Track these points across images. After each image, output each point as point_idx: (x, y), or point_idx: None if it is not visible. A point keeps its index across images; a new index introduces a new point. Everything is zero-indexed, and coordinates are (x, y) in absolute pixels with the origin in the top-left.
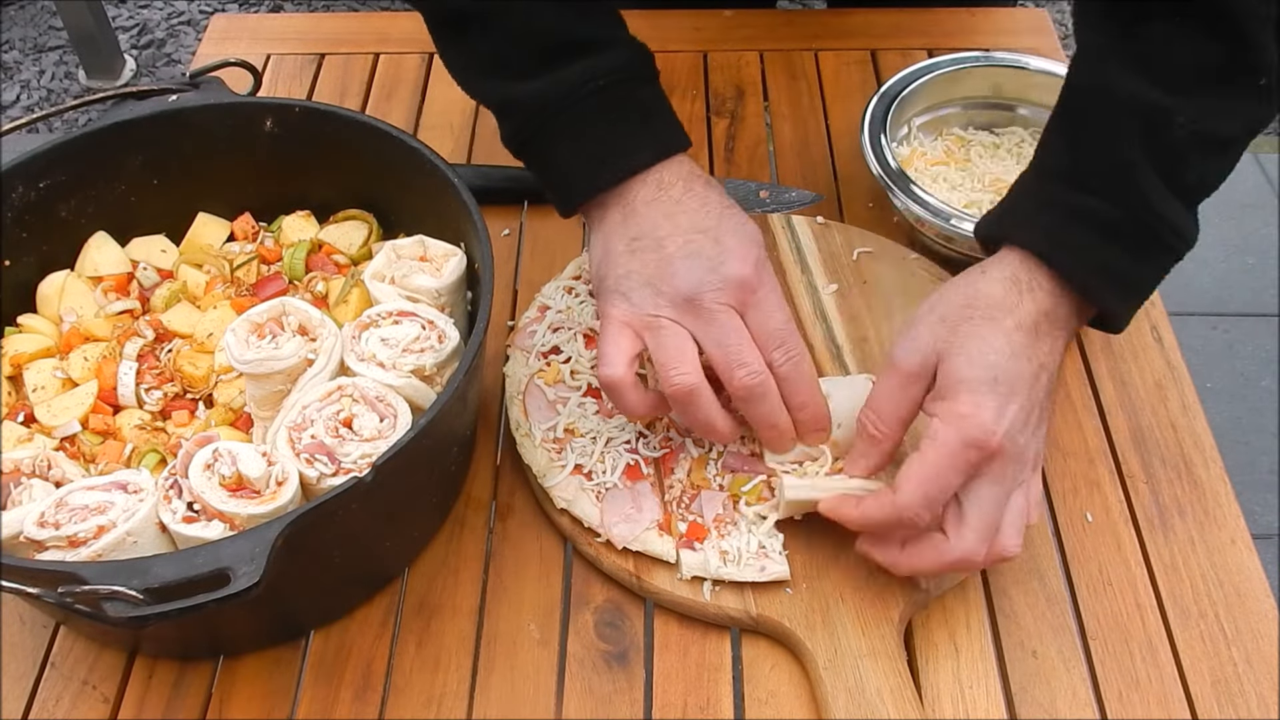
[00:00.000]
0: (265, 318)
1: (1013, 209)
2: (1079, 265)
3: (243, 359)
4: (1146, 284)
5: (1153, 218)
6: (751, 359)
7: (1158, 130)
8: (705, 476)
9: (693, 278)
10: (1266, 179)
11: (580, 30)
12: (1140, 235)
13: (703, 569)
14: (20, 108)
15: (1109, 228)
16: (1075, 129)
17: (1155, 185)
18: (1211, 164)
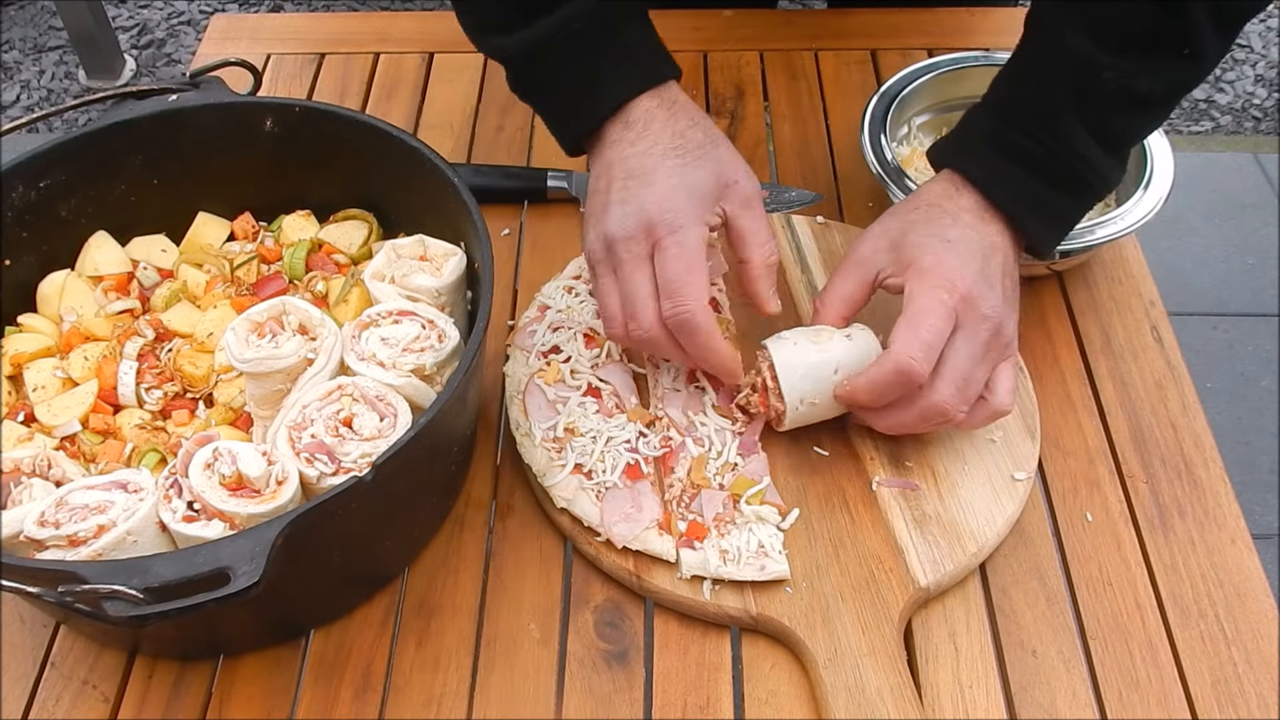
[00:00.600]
0: (265, 317)
1: (957, 139)
2: (1006, 193)
3: (242, 358)
4: (1065, 214)
5: (1074, 158)
6: (643, 311)
7: (1087, 82)
8: (705, 476)
9: (614, 223)
10: (1266, 179)
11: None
12: (1061, 171)
13: (702, 568)
14: (20, 108)
15: (1033, 162)
16: (1019, 71)
17: (1079, 130)
18: (1134, 118)
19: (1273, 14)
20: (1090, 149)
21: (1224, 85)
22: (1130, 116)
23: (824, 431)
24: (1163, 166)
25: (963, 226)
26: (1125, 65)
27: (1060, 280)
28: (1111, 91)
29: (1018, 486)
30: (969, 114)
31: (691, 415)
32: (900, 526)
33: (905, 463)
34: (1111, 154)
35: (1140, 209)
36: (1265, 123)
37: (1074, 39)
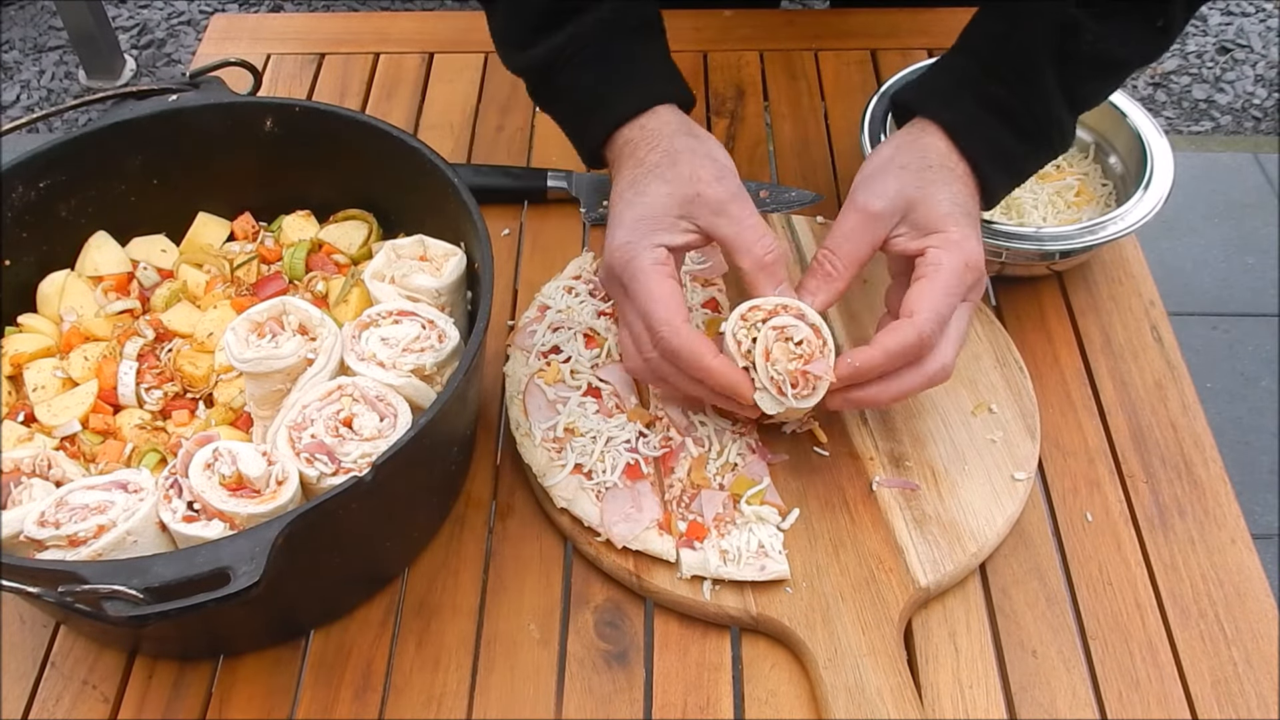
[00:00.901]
0: (265, 317)
1: (935, 86)
2: (977, 141)
3: (242, 357)
4: (1023, 168)
5: (1046, 114)
6: (628, 355)
7: (1068, 42)
8: (705, 476)
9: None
10: (1266, 179)
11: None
12: (1031, 126)
13: (702, 568)
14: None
15: (1008, 113)
16: (1001, 26)
17: (1054, 88)
18: (1101, 83)
19: (1273, 14)
20: (1060, 108)
21: (1224, 85)
22: (1098, 81)
23: (824, 431)
24: (1163, 166)
25: (968, 192)
26: (1104, 30)
27: (1060, 280)
28: (1088, 54)
29: (1018, 486)
30: (948, 61)
31: (691, 415)
32: (900, 526)
33: (905, 463)
34: (1073, 115)
35: (1140, 209)
36: (1265, 123)
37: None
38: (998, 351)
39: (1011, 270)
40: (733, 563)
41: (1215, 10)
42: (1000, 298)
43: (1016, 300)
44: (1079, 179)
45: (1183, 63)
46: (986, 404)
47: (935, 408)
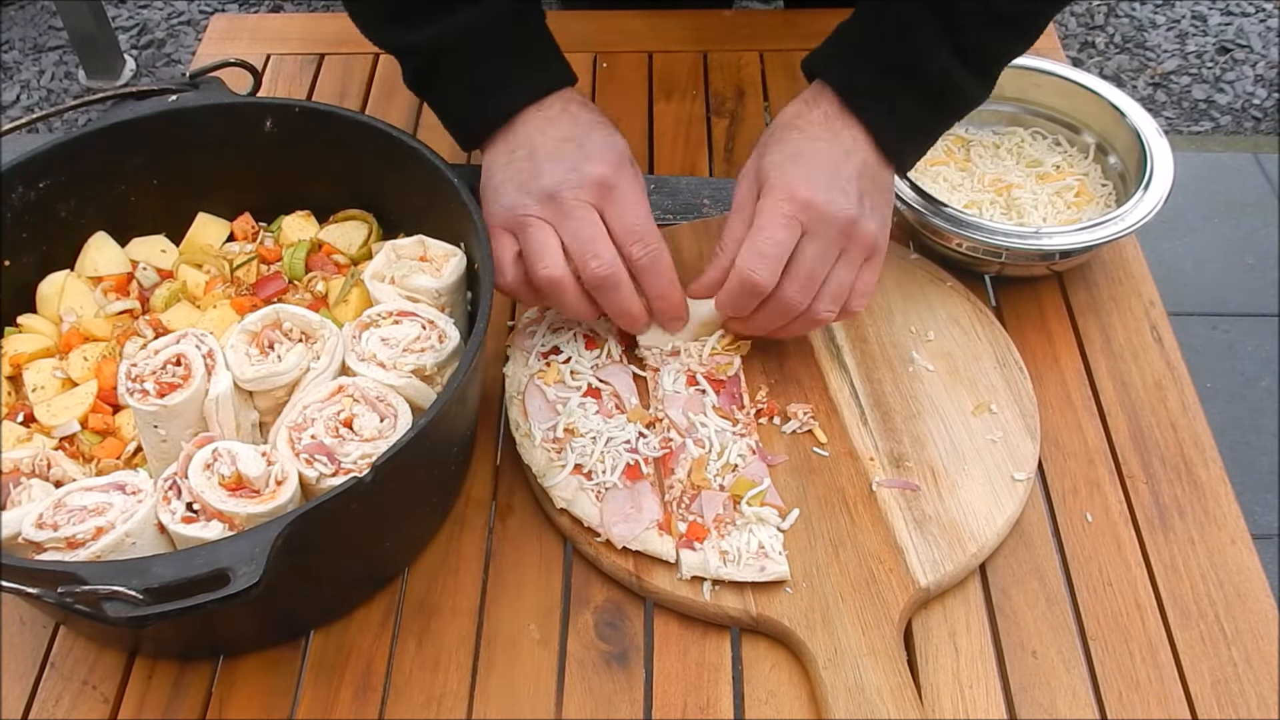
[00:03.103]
0: (260, 325)
1: (824, 46)
2: (861, 96)
3: (245, 378)
4: (920, 123)
5: (931, 66)
6: (603, 250)
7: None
8: (705, 477)
9: (555, 176)
10: (1266, 179)
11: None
12: (916, 79)
13: (702, 569)
14: (20, 108)
15: (890, 68)
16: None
17: (936, 40)
18: (992, 35)
19: (1273, 14)
20: (947, 60)
21: (1224, 85)
22: (988, 32)
23: (824, 431)
24: (1163, 166)
25: (811, 139)
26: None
27: (1060, 280)
28: (970, 8)
29: (1018, 487)
30: (843, 25)
31: (692, 416)
32: (900, 526)
33: (905, 463)
34: (973, 71)
35: (1140, 209)
36: (1265, 123)
37: None
38: (998, 352)
39: (1011, 270)
40: (733, 563)
41: (1215, 10)
42: (1000, 298)
43: (1016, 300)
44: (1079, 179)
45: (1183, 63)
46: (986, 404)
47: (935, 408)
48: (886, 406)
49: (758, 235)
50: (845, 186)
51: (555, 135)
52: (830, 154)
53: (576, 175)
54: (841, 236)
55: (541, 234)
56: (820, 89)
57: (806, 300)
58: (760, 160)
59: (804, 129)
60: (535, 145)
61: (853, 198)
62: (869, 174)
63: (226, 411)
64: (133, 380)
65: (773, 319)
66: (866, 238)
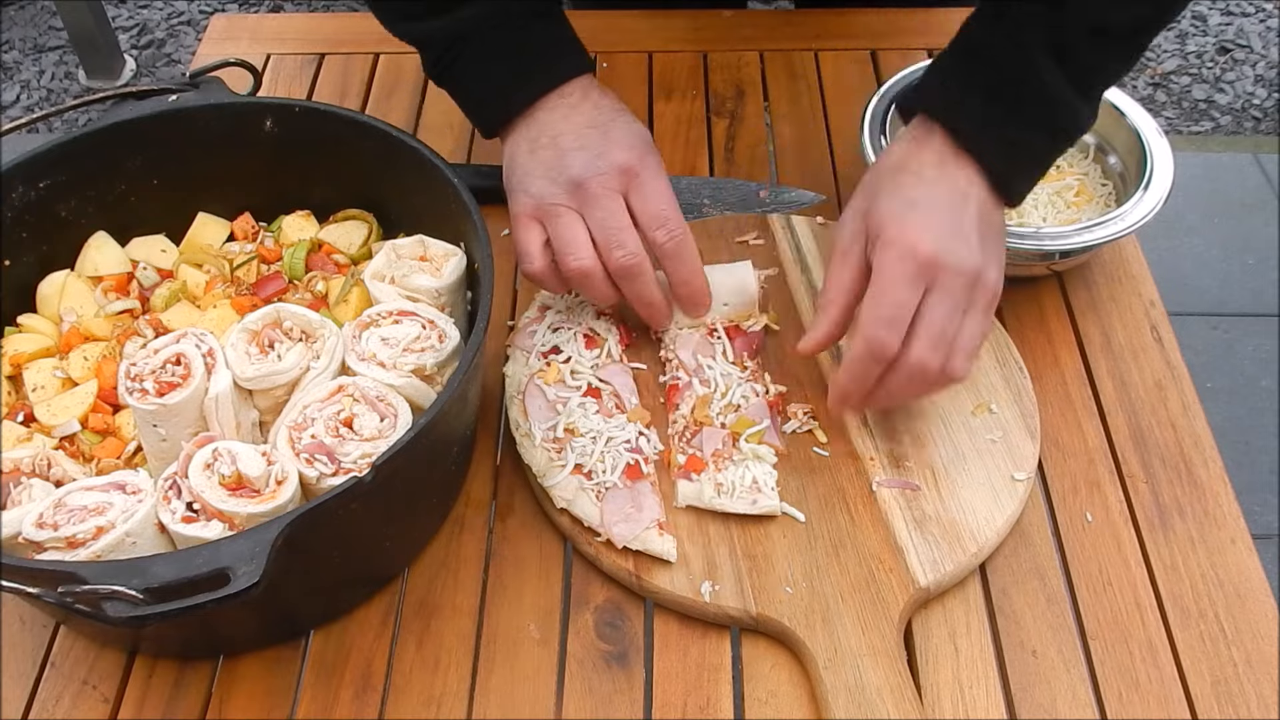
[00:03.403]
0: (260, 325)
1: (924, 81)
2: (971, 127)
3: (245, 376)
4: (1033, 152)
5: (1042, 92)
6: (629, 240)
7: (1055, 17)
8: (708, 414)
9: (581, 164)
10: (1266, 179)
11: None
12: (1027, 106)
13: (697, 498)
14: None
15: (999, 96)
16: (985, 11)
17: (1047, 63)
18: (1102, 54)
19: (1273, 14)
20: (1058, 84)
21: (1224, 85)
22: (1099, 54)
23: (824, 431)
24: (1163, 166)
25: (927, 184)
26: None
27: (1060, 280)
28: (1078, 26)
29: (1018, 486)
30: (935, 59)
31: (700, 358)
32: (900, 526)
33: (905, 463)
34: (1082, 95)
35: (1140, 209)
36: (1265, 123)
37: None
38: (998, 351)
39: (1011, 270)
40: (726, 495)
41: (1215, 10)
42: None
43: (1016, 300)
44: (1079, 179)
45: (1183, 63)
46: (986, 404)
47: (935, 408)
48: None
49: (881, 298)
50: (967, 235)
51: (579, 122)
52: (948, 200)
53: (602, 162)
54: (968, 289)
55: (571, 225)
56: (926, 126)
57: (940, 360)
58: (871, 206)
59: (918, 173)
60: (559, 133)
61: (975, 247)
62: (985, 217)
63: (226, 410)
64: (132, 379)
65: (906, 385)
66: (990, 286)
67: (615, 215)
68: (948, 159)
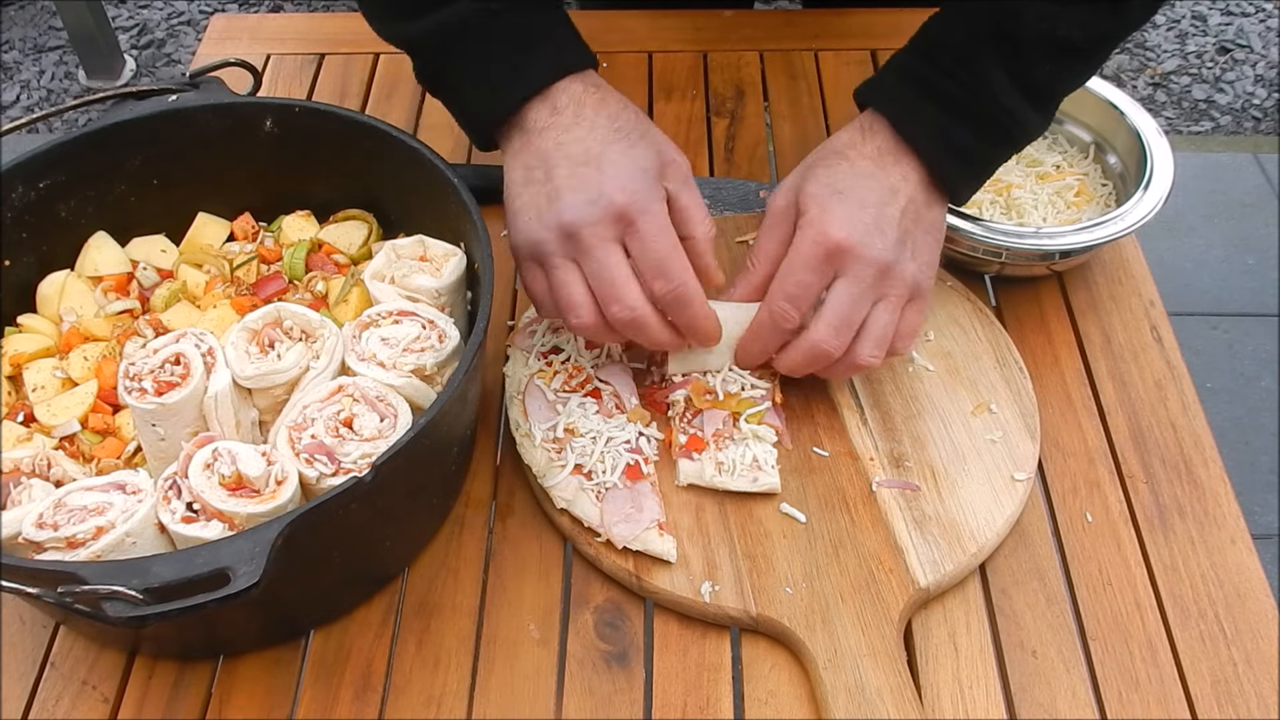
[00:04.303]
0: (261, 324)
1: (878, 78)
2: (917, 129)
3: (244, 375)
4: (978, 157)
5: (990, 101)
6: (626, 293)
7: (1007, 24)
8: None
9: (573, 211)
10: (1266, 179)
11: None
12: (976, 112)
13: (698, 476)
14: (20, 108)
15: (949, 102)
16: (946, 14)
17: (999, 75)
18: (1056, 66)
19: (1273, 14)
20: (1008, 93)
21: (1224, 85)
22: (1053, 64)
23: (824, 432)
24: (1163, 166)
25: (858, 174)
26: (1046, 8)
27: (1060, 280)
28: (1033, 36)
29: (1018, 486)
30: (892, 57)
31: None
32: (900, 527)
33: (905, 463)
34: (1032, 103)
35: (1140, 209)
36: (1265, 123)
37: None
38: (998, 352)
39: (1011, 270)
40: (727, 474)
41: (1215, 10)
42: (1000, 298)
43: (1016, 300)
44: (1079, 179)
45: (1183, 63)
46: (986, 404)
47: (935, 408)
48: (886, 406)
49: (787, 276)
50: (885, 228)
51: (573, 155)
52: (875, 191)
53: (594, 209)
54: (879, 280)
55: (567, 280)
56: (874, 119)
57: (842, 344)
58: (803, 184)
59: (853, 161)
60: (552, 164)
61: (890, 240)
62: (914, 213)
63: (226, 409)
64: (131, 379)
65: (806, 360)
66: (905, 280)
67: (610, 267)
68: (887, 153)
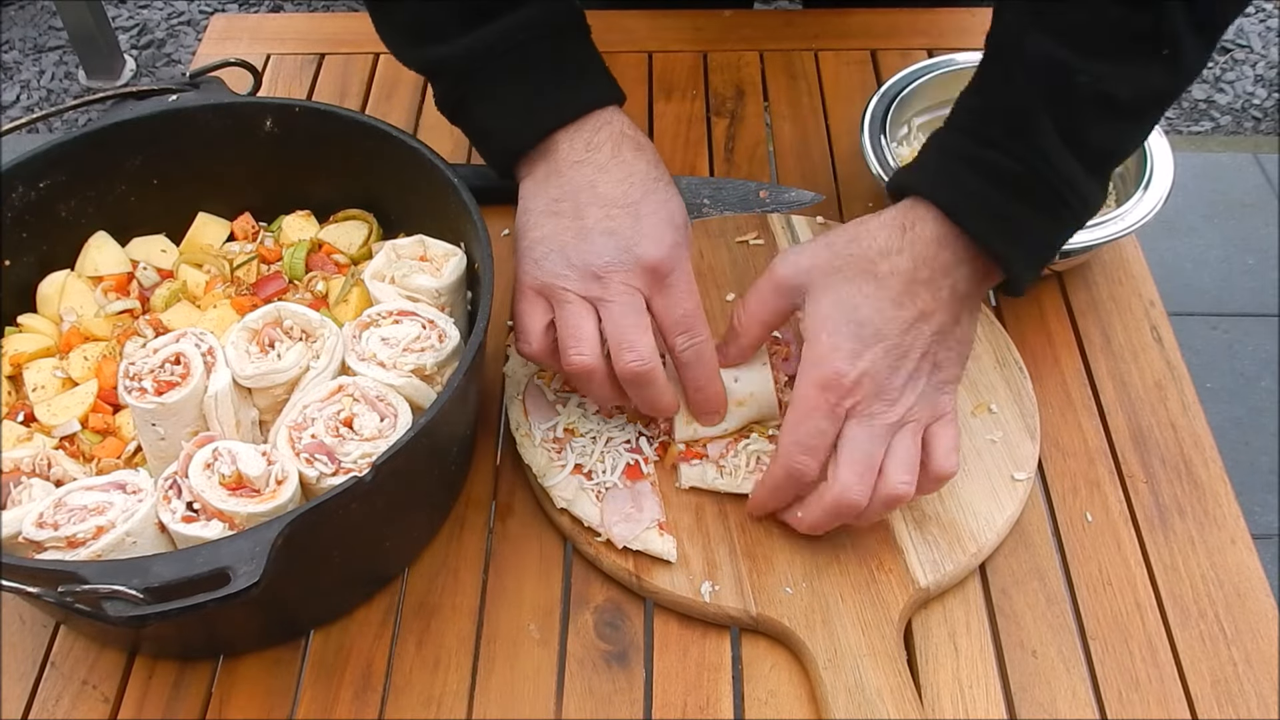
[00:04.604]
0: (261, 324)
1: (918, 161)
2: (967, 207)
3: (244, 374)
4: (1041, 237)
5: (1048, 170)
6: (642, 345)
7: (1060, 88)
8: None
9: (604, 255)
10: (1266, 179)
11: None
12: (1033, 186)
13: (700, 479)
14: (20, 108)
15: (1002, 176)
16: (985, 85)
17: (1054, 142)
18: (1112, 128)
19: (1273, 14)
20: (1067, 162)
21: (1224, 85)
22: (1108, 125)
23: None
24: (1163, 166)
25: (882, 301)
26: (1099, 69)
27: (1060, 280)
28: (1086, 98)
29: (1018, 487)
30: (931, 137)
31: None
32: (900, 526)
33: None
34: (1091, 172)
35: (1140, 209)
36: (1265, 123)
37: (1041, 42)
38: (998, 351)
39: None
40: (729, 476)
41: None
42: (1000, 298)
43: (1016, 300)
44: None
45: None
46: (986, 404)
47: None
48: None
49: (799, 425)
50: (904, 364)
51: (608, 197)
52: (899, 322)
53: (629, 257)
54: (900, 417)
55: (579, 315)
56: (916, 209)
57: (867, 489)
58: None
59: (882, 281)
60: (582, 204)
61: (907, 372)
62: (943, 340)
63: (225, 408)
64: (131, 379)
65: (832, 516)
66: (925, 409)
67: (630, 314)
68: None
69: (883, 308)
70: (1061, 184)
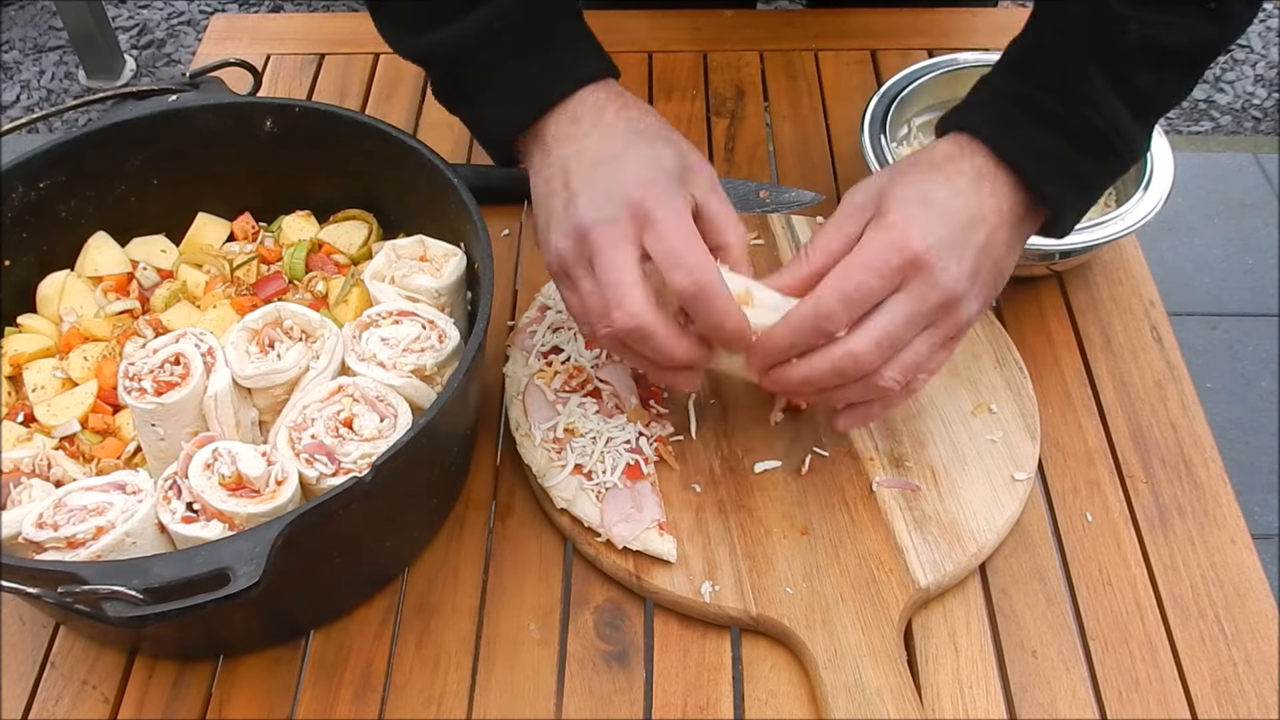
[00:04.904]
0: (261, 324)
1: (969, 100)
2: (1015, 146)
3: (244, 374)
4: (1086, 179)
5: (1096, 116)
6: (627, 297)
7: (1109, 34)
8: None
9: (585, 212)
10: (1266, 179)
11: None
12: (1082, 129)
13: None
14: (20, 108)
15: (1049, 117)
16: (1035, 30)
17: (1103, 85)
18: (1159, 75)
19: (1273, 14)
20: (1114, 108)
21: (1224, 85)
22: (1156, 73)
23: (824, 432)
24: (1163, 166)
25: (952, 190)
26: (1148, 15)
27: (1060, 280)
28: (1135, 44)
29: (1018, 487)
30: (982, 78)
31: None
32: (900, 527)
33: (905, 463)
34: (1134, 115)
35: (1140, 209)
36: (1265, 123)
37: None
38: (998, 351)
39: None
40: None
41: None
42: (1000, 298)
43: (1016, 300)
44: None
45: None
46: (986, 404)
47: (935, 408)
48: None
49: (849, 275)
50: (965, 254)
51: (591, 157)
52: (965, 212)
53: (610, 206)
54: (938, 308)
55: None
56: (968, 141)
57: (877, 362)
58: (889, 185)
59: (950, 177)
60: (570, 172)
61: (965, 268)
62: (993, 249)
63: (225, 409)
64: (130, 379)
65: (831, 372)
66: (960, 319)
67: (616, 268)
68: (985, 176)
69: (953, 196)
70: (1109, 129)
